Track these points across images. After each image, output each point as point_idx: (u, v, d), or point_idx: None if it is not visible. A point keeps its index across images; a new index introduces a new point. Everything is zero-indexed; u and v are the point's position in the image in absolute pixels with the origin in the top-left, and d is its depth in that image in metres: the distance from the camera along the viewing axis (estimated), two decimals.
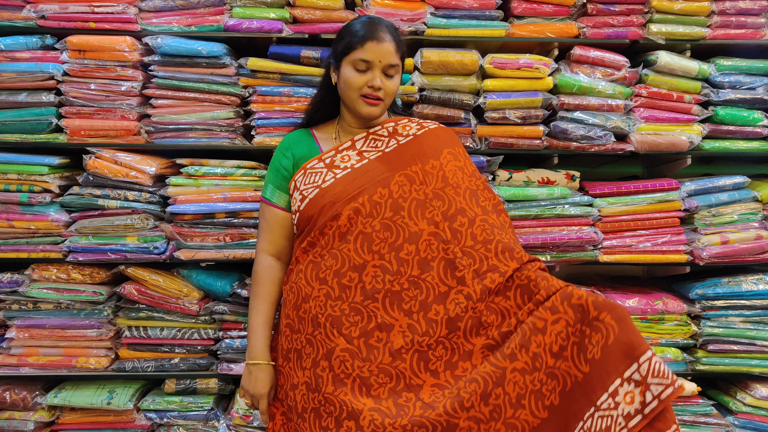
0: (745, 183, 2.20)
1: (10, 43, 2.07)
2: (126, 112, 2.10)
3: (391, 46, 1.53)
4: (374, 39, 1.52)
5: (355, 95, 1.55)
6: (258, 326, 1.59)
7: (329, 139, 1.66)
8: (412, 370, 1.41)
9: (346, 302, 1.45)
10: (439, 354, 1.41)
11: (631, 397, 1.18)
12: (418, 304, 1.43)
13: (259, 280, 1.62)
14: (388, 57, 1.53)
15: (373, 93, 1.54)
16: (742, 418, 2.16)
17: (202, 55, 2.05)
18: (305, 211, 1.55)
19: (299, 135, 1.70)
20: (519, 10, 2.14)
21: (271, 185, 1.64)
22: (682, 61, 2.15)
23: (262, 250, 1.64)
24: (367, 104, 1.55)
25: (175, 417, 2.12)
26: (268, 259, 1.64)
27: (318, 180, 1.56)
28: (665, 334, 2.15)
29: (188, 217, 2.08)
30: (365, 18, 1.59)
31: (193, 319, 2.12)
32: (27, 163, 2.06)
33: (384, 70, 1.53)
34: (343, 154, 1.59)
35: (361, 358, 1.42)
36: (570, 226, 2.15)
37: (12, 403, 2.10)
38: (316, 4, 2.11)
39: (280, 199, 1.63)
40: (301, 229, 1.59)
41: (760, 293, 2.15)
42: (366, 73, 1.53)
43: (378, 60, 1.52)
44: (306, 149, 1.64)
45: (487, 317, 1.40)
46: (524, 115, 2.12)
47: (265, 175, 1.69)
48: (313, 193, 1.54)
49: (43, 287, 2.09)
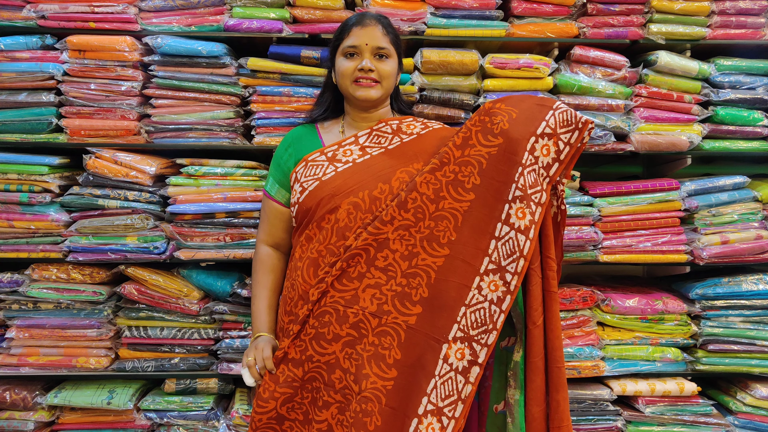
0: (745, 183, 2.20)
1: (10, 42, 2.07)
2: (126, 112, 2.10)
3: (377, 30, 1.55)
4: (359, 24, 1.56)
5: (348, 82, 1.57)
6: (261, 311, 1.63)
7: (334, 134, 1.67)
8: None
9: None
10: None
11: (547, 149, 1.38)
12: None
13: (259, 268, 1.67)
14: (375, 40, 1.55)
15: (365, 75, 1.55)
16: (742, 418, 2.16)
17: (202, 55, 2.05)
18: (304, 203, 1.55)
19: (303, 130, 1.70)
20: (519, 10, 2.14)
21: (272, 179, 1.67)
22: (682, 61, 2.15)
23: (261, 240, 1.69)
24: (360, 87, 1.56)
25: (175, 417, 2.12)
26: (267, 248, 1.68)
27: (318, 173, 1.56)
28: (665, 334, 2.15)
29: (188, 216, 2.08)
30: (355, 14, 1.61)
31: (193, 319, 2.12)
32: (27, 163, 2.06)
33: (373, 53, 1.55)
34: (345, 148, 1.59)
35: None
36: (570, 225, 2.15)
37: (12, 402, 2.10)
38: (316, 4, 2.11)
39: (279, 194, 1.66)
40: (300, 221, 1.59)
41: (760, 293, 2.15)
42: (355, 58, 1.56)
43: (364, 43, 1.54)
44: (308, 144, 1.65)
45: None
46: None
47: (266, 172, 1.70)
48: (313, 185, 1.54)
49: (43, 287, 2.09)
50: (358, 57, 1.56)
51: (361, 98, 1.57)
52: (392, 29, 1.61)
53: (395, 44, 1.60)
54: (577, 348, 2.11)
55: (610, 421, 2.11)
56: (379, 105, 1.65)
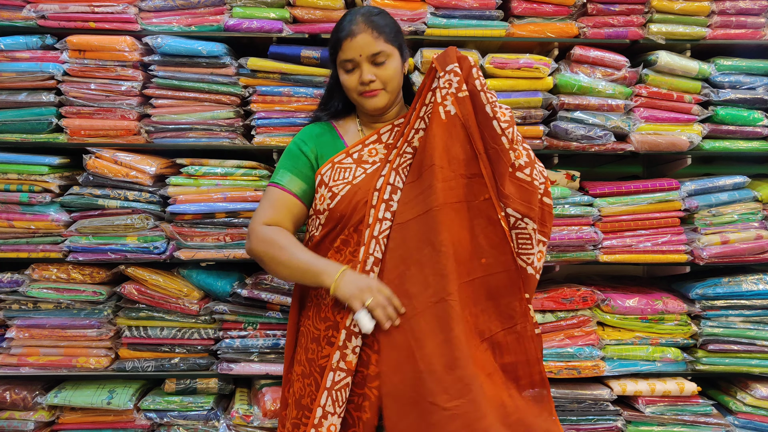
0: (745, 183, 2.20)
1: (10, 42, 2.07)
2: (126, 111, 2.10)
3: (367, 36, 1.49)
4: (347, 36, 1.50)
5: (355, 95, 1.56)
6: (314, 257, 1.48)
7: (353, 132, 1.65)
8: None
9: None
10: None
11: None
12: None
13: (276, 234, 1.50)
14: (368, 48, 1.50)
15: (368, 88, 1.53)
16: (743, 418, 2.16)
17: (202, 54, 2.05)
18: (336, 208, 1.51)
19: (320, 127, 1.66)
20: (519, 9, 2.13)
21: (286, 171, 1.57)
22: (682, 60, 2.15)
23: (260, 221, 1.53)
24: (367, 98, 1.54)
25: (175, 417, 2.12)
26: (271, 224, 1.53)
27: (348, 176, 1.53)
28: (665, 334, 2.15)
29: (188, 216, 2.08)
30: (346, 14, 1.57)
31: (193, 318, 2.12)
32: (27, 163, 2.06)
33: (371, 61, 1.51)
34: (370, 148, 1.58)
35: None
36: (570, 225, 2.15)
37: (12, 402, 2.10)
38: (316, 4, 2.11)
39: (291, 183, 1.56)
40: (332, 227, 1.54)
41: (760, 293, 2.15)
42: (354, 72, 1.53)
43: (358, 55, 1.50)
44: (330, 142, 1.62)
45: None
46: (524, 114, 2.12)
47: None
48: (345, 190, 1.52)
49: (43, 287, 2.09)
50: (358, 69, 1.52)
51: (370, 109, 1.56)
52: (385, 27, 1.52)
53: (392, 40, 1.53)
54: (577, 348, 2.11)
55: (610, 421, 2.11)
56: (390, 107, 1.62)
